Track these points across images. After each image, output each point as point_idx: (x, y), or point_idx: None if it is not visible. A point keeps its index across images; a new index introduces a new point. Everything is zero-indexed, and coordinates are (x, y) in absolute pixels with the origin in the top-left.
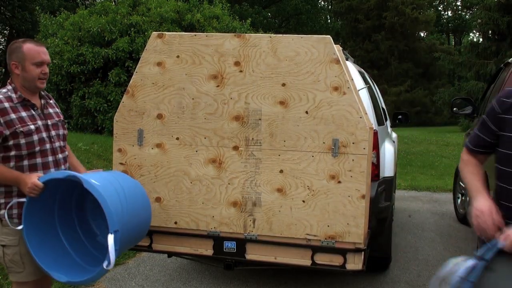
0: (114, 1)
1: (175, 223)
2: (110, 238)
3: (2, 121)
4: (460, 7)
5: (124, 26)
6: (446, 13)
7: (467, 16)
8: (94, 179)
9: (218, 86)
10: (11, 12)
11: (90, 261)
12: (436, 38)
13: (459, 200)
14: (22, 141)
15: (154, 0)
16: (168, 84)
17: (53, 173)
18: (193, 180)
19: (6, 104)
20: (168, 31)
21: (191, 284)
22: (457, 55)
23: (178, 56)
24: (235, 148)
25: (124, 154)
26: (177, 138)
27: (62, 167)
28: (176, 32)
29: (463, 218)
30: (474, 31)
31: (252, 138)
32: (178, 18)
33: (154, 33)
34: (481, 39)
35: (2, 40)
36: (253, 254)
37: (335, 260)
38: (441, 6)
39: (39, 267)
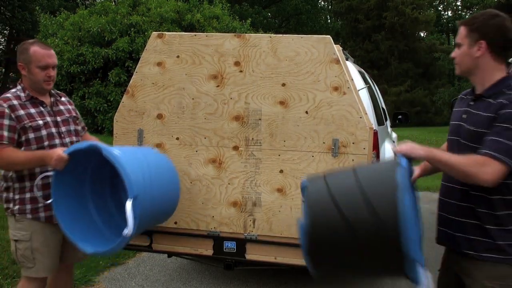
0: (114, 1)
1: (175, 223)
2: (128, 204)
3: (13, 116)
4: (460, 7)
5: (124, 26)
6: (446, 13)
7: (467, 16)
8: (116, 150)
9: (218, 86)
10: (11, 12)
11: (119, 234)
12: (436, 38)
13: None
14: (31, 135)
15: (154, 0)
16: (168, 84)
17: (76, 144)
18: (193, 180)
19: (15, 102)
20: (168, 31)
21: (191, 284)
22: None
23: (178, 56)
24: (235, 148)
25: None
26: (177, 138)
27: None
28: (176, 32)
29: None
30: None
31: (252, 138)
32: (178, 18)
33: (154, 33)
34: None
35: (2, 40)
36: (253, 254)
37: None
38: (441, 6)
39: (50, 265)
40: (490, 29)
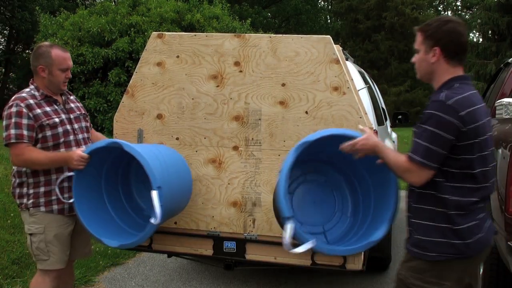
0: (114, 1)
1: (175, 223)
2: (154, 194)
3: (31, 115)
4: (460, 7)
5: (124, 26)
6: (446, 13)
7: (467, 16)
8: (135, 145)
9: (218, 86)
10: (11, 12)
11: (136, 228)
12: None
13: None
14: (48, 133)
15: (154, 0)
16: (168, 84)
17: (96, 143)
18: (193, 180)
19: (31, 101)
20: (168, 31)
21: (191, 284)
22: None
23: (178, 56)
24: (235, 148)
25: None
26: (177, 138)
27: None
28: (176, 32)
29: None
30: (474, 31)
31: (252, 138)
32: (178, 18)
33: (154, 33)
34: (481, 39)
35: (2, 40)
36: (253, 254)
37: (335, 260)
38: (441, 6)
39: (64, 256)
40: (443, 35)
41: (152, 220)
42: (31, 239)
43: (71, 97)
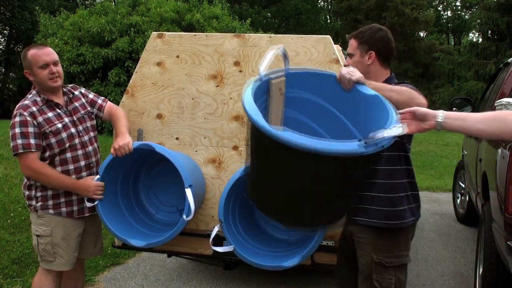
0: (114, 1)
1: None
2: (188, 191)
3: (36, 123)
4: (459, 7)
5: (124, 26)
6: (445, 13)
7: (466, 16)
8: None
9: (217, 86)
10: (11, 12)
11: (153, 231)
12: (436, 38)
13: (458, 200)
14: (53, 140)
15: (154, 0)
16: (167, 84)
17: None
18: None
19: (34, 108)
20: (168, 31)
21: (191, 284)
22: (456, 55)
23: (177, 56)
24: (235, 148)
25: None
26: (177, 138)
27: (93, 158)
28: (176, 32)
29: (463, 217)
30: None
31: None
32: (178, 18)
33: (154, 33)
34: (480, 39)
35: (2, 40)
36: None
37: (335, 259)
38: (441, 6)
39: (70, 259)
40: (377, 41)
41: (185, 217)
42: (38, 240)
43: (76, 93)
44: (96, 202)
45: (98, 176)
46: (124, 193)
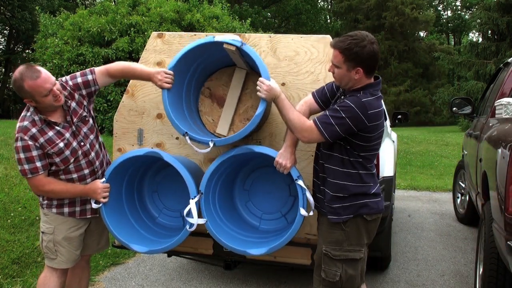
0: (114, 1)
1: None
2: (193, 204)
3: (38, 145)
4: (459, 7)
5: (124, 26)
6: (445, 13)
7: (466, 16)
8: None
9: None
10: (11, 12)
11: (155, 235)
12: (436, 38)
13: (458, 200)
14: (57, 159)
15: (154, 0)
16: None
17: (133, 151)
18: None
19: (34, 130)
20: (168, 31)
21: (191, 284)
22: (456, 55)
23: None
24: (235, 147)
25: None
26: (177, 138)
27: (96, 163)
28: (176, 32)
29: (463, 217)
30: (474, 31)
31: (252, 138)
32: (178, 18)
33: (154, 33)
34: (480, 39)
35: (2, 40)
36: None
37: None
38: (441, 6)
39: (71, 257)
40: (365, 57)
41: (188, 227)
42: (42, 237)
43: (73, 104)
44: (100, 205)
45: (104, 179)
46: (128, 195)
